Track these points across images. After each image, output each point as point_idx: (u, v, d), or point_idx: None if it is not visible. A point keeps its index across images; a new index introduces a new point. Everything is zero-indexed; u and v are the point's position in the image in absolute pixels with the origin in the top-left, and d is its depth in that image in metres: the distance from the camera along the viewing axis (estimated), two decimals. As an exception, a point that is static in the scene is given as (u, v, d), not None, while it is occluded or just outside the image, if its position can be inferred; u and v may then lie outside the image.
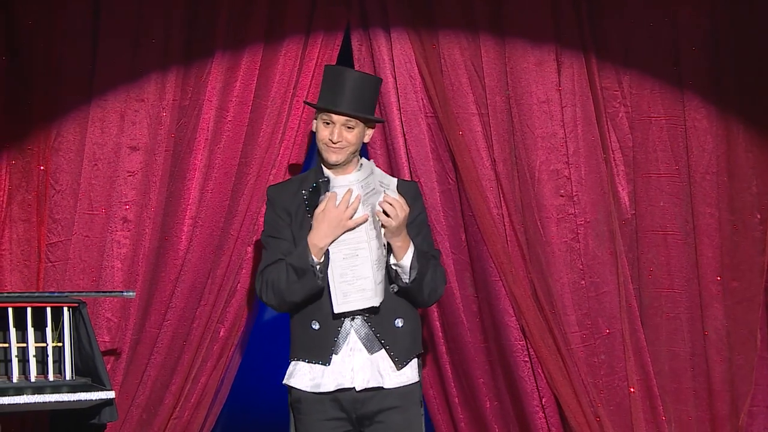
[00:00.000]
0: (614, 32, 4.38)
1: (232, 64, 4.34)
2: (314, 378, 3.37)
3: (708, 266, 4.32)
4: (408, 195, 3.44)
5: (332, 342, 3.34)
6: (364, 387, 3.34)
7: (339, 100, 3.36)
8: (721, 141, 4.35)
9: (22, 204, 4.37)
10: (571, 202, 4.31)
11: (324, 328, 3.35)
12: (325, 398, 3.36)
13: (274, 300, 3.38)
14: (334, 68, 3.51)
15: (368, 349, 3.36)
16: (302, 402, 3.40)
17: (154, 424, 4.31)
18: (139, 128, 4.37)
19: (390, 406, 3.36)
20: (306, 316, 3.37)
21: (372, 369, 3.36)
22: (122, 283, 4.32)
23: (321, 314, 3.34)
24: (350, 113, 3.37)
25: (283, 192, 3.52)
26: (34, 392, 3.62)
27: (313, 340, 3.37)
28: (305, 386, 3.38)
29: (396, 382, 3.37)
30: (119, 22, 4.36)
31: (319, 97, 3.46)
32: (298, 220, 3.42)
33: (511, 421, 4.39)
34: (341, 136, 3.37)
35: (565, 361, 4.26)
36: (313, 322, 3.35)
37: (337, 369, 3.35)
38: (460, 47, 4.35)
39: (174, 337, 4.31)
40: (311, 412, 3.38)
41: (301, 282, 3.27)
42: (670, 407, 4.34)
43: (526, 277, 4.30)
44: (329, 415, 3.36)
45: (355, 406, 3.36)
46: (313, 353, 3.37)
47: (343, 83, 3.36)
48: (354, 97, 3.37)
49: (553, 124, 4.32)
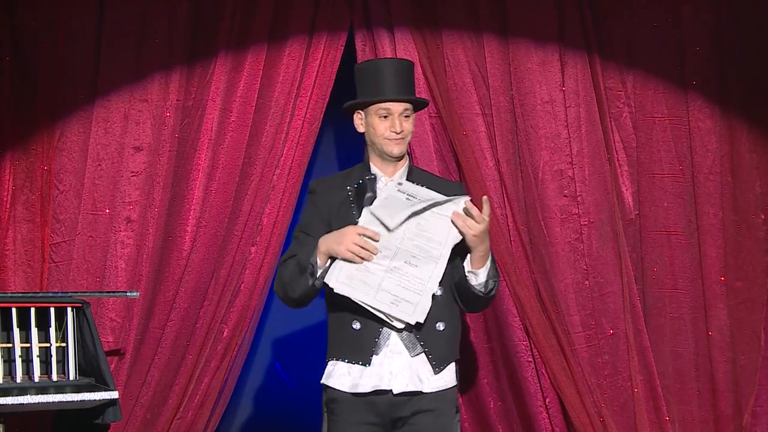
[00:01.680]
0: (618, 32, 4.38)
1: (235, 65, 4.34)
2: (353, 378, 3.28)
3: (712, 266, 4.31)
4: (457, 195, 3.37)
5: (373, 342, 3.25)
6: (402, 390, 3.25)
7: (391, 88, 3.28)
8: (725, 141, 4.35)
9: (26, 204, 4.37)
10: (575, 202, 4.31)
11: (365, 328, 3.25)
12: (361, 401, 3.27)
13: (280, 291, 3.32)
14: (372, 61, 3.43)
15: (409, 351, 3.26)
16: (338, 402, 3.30)
17: (158, 424, 4.31)
18: (143, 128, 4.37)
19: (424, 409, 3.28)
20: (346, 315, 3.27)
21: (411, 372, 3.27)
22: (126, 284, 4.32)
23: (362, 314, 3.23)
24: (407, 98, 3.30)
25: (327, 186, 3.41)
26: (37, 392, 3.63)
27: (354, 340, 3.27)
28: (344, 386, 3.28)
29: (433, 387, 3.29)
30: (123, 23, 4.36)
31: (365, 94, 3.32)
32: (341, 215, 3.31)
33: (515, 420, 4.39)
34: (402, 126, 3.30)
35: (569, 361, 4.26)
36: (353, 322, 3.25)
37: (376, 370, 3.26)
38: (464, 47, 4.35)
39: (177, 337, 4.31)
40: (345, 414, 3.28)
41: (301, 278, 3.20)
42: (673, 407, 4.33)
43: (529, 278, 4.30)
44: (363, 418, 3.27)
45: (389, 409, 3.27)
46: (353, 353, 3.27)
47: (387, 72, 3.28)
48: (405, 83, 3.30)
49: (557, 124, 4.32)
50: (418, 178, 3.37)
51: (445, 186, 3.40)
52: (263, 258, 4.35)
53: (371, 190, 3.32)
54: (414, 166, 3.49)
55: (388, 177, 3.34)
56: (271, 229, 4.35)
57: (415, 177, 3.38)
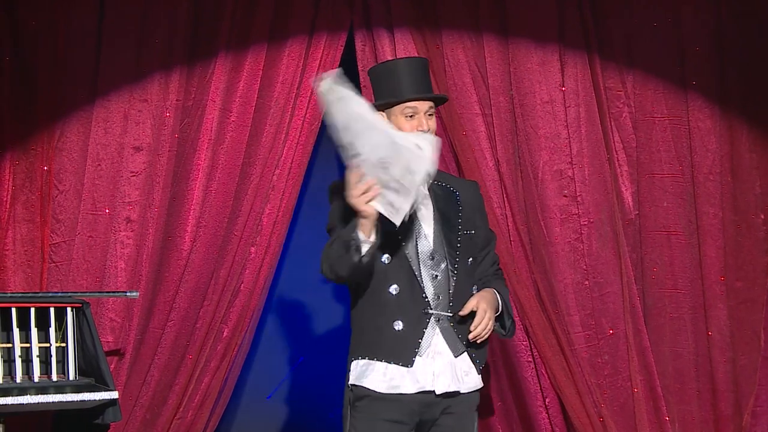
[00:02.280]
0: (618, 32, 4.38)
1: (235, 65, 4.34)
2: (392, 379, 3.23)
3: (711, 266, 4.31)
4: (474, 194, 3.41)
5: (416, 343, 3.22)
6: (445, 391, 3.24)
7: (416, 87, 3.26)
8: (725, 141, 4.35)
9: (26, 204, 4.37)
10: (575, 202, 4.31)
11: (408, 329, 3.22)
12: (394, 399, 3.22)
13: (329, 272, 3.19)
14: (389, 63, 3.40)
15: (453, 351, 3.24)
16: (368, 399, 3.24)
17: (158, 424, 4.31)
18: (143, 128, 4.37)
19: (450, 411, 3.27)
20: (385, 315, 3.23)
21: (453, 373, 3.26)
22: (126, 284, 4.32)
23: (405, 314, 3.21)
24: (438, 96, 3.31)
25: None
26: (37, 392, 3.63)
27: (395, 340, 3.22)
28: (381, 387, 3.24)
29: (470, 386, 3.30)
30: (123, 23, 4.37)
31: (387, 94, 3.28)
32: None
33: (515, 420, 4.39)
34: (428, 124, 3.28)
35: (569, 361, 4.26)
36: (395, 322, 3.21)
37: (419, 371, 3.22)
38: (464, 47, 4.35)
39: (177, 337, 4.31)
40: (376, 411, 3.23)
41: (347, 255, 3.09)
42: (673, 407, 4.33)
43: (529, 278, 4.30)
44: (393, 416, 3.22)
45: (423, 409, 3.25)
46: (395, 354, 3.22)
47: (408, 72, 3.26)
48: (425, 81, 3.30)
49: (557, 124, 4.32)
50: (438, 178, 3.37)
51: (461, 184, 3.45)
52: (263, 258, 4.36)
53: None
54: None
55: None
56: (270, 229, 4.35)
57: (436, 177, 3.36)
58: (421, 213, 3.30)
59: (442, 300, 3.22)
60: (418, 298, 3.20)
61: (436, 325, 3.23)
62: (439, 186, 3.36)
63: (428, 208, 3.31)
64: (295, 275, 5.03)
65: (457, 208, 3.33)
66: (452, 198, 3.35)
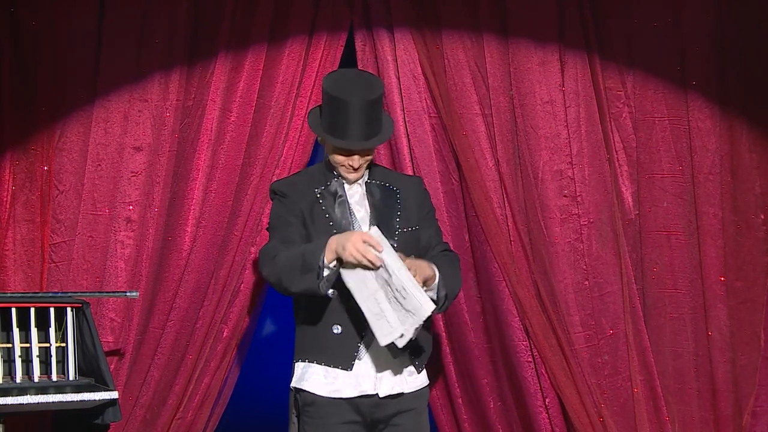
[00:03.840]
0: (618, 32, 4.38)
1: (235, 65, 4.34)
2: (332, 382, 3.25)
3: (711, 266, 4.31)
4: (417, 191, 3.44)
5: (355, 347, 3.24)
6: (388, 394, 3.26)
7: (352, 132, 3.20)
8: (725, 141, 4.34)
9: (26, 204, 4.37)
10: (575, 202, 4.31)
11: (346, 333, 3.23)
12: (342, 402, 3.25)
13: (273, 278, 3.23)
14: (335, 97, 3.25)
15: (392, 354, 3.24)
16: (315, 405, 3.26)
17: (158, 425, 4.31)
18: (143, 128, 4.37)
19: (406, 409, 3.30)
20: (324, 318, 3.24)
21: (395, 375, 3.29)
22: (126, 284, 4.32)
23: (343, 318, 3.23)
24: (370, 145, 3.26)
25: (293, 188, 3.39)
26: (37, 392, 3.63)
27: (333, 344, 3.24)
28: (322, 391, 3.26)
29: (414, 386, 3.33)
30: (123, 23, 4.36)
31: (327, 126, 3.28)
32: (312, 218, 3.31)
33: (515, 421, 4.38)
34: (360, 162, 3.29)
35: (569, 361, 4.26)
36: (334, 326, 3.23)
37: (360, 375, 3.25)
38: (464, 47, 4.35)
39: (177, 337, 4.31)
40: (326, 416, 3.25)
41: (305, 276, 3.10)
42: (673, 407, 4.33)
43: (529, 278, 4.30)
44: (345, 418, 3.24)
45: (372, 410, 3.28)
46: (333, 358, 3.24)
47: (351, 114, 3.20)
48: (367, 122, 3.23)
49: (557, 124, 4.31)
50: (379, 177, 3.42)
51: (403, 181, 3.48)
52: (263, 258, 4.36)
53: (340, 192, 3.34)
54: (376, 165, 3.50)
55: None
56: (270, 229, 4.35)
57: (377, 176, 3.43)
58: (360, 214, 3.33)
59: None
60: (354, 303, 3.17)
61: None
62: (378, 185, 3.38)
63: (365, 208, 3.34)
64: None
65: (396, 206, 3.33)
66: (391, 196, 3.36)
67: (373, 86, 3.32)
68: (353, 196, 3.36)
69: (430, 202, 3.58)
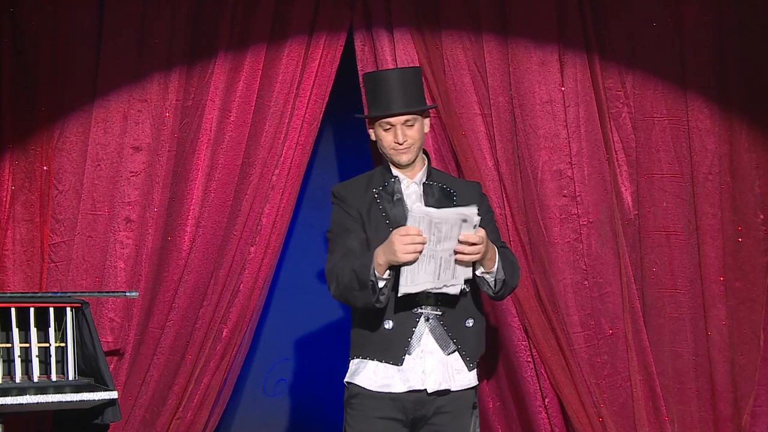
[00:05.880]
0: (618, 32, 4.38)
1: (235, 65, 4.34)
2: (383, 378, 3.29)
3: (711, 267, 4.31)
4: (474, 194, 3.44)
5: (406, 342, 3.27)
6: (436, 389, 3.28)
7: (390, 102, 3.32)
8: (724, 141, 4.34)
9: (26, 204, 4.38)
10: (574, 202, 4.31)
11: (398, 328, 3.27)
12: (387, 397, 3.29)
13: (340, 298, 3.30)
14: (373, 74, 3.50)
15: (443, 349, 3.29)
16: (360, 398, 3.32)
17: (157, 425, 4.31)
18: (142, 128, 4.37)
19: (444, 410, 3.31)
20: (377, 314, 3.28)
21: (443, 371, 3.30)
22: (125, 284, 4.32)
23: (395, 313, 3.27)
24: (405, 111, 3.33)
25: (352, 190, 3.42)
26: (37, 392, 3.63)
27: (386, 339, 3.28)
28: (371, 385, 3.30)
29: (461, 385, 3.33)
30: (123, 23, 4.36)
31: (368, 107, 3.41)
32: (372, 219, 3.35)
33: (514, 421, 4.39)
34: (405, 136, 3.34)
35: (568, 361, 4.26)
36: (386, 321, 3.28)
37: (409, 369, 3.28)
38: (463, 47, 4.35)
39: (177, 337, 4.31)
40: (367, 409, 3.30)
41: (361, 293, 3.18)
42: (673, 407, 4.33)
43: (529, 278, 4.30)
44: (387, 414, 3.29)
45: (416, 407, 3.30)
46: (385, 353, 3.29)
47: (386, 85, 3.33)
48: (403, 94, 3.33)
49: (556, 124, 4.31)
50: (437, 179, 3.44)
51: (461, 184, 3.50)
52: (262, 258, 4.36)
53: (397, 192, 3.37)
54: (434, 168, 3.52)
55: (410, 179, 3.40)
56: (270, 229, 4.35)
57: (435, 178, 3.45)
58: None
59: (431, 299, 3.26)
60: (408, 298, 3.22)
61: (426, 323, 3.28)
62: (436, 186, 3.40)
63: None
64: (295, 275, 5.03)
65: (452, 206, 3.34)
66: (448, 197, 3.39)
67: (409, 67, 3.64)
68: (410, 195, 3.38)
69: (488, 205, 3.56)
